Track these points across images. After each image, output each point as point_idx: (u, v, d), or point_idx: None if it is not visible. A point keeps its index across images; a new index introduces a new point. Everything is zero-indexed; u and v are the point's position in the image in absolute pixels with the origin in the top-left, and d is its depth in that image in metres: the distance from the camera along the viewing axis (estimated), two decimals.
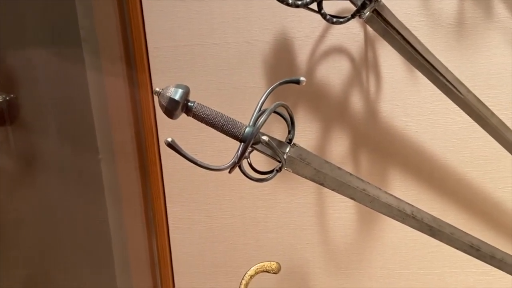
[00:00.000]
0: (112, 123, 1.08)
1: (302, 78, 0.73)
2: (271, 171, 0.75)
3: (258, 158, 0.77)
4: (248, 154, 0.75)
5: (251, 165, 0.76)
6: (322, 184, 0.78)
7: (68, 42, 0.99)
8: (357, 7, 0.79)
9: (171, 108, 0.68)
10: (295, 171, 0.76)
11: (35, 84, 1.02)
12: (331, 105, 1.03)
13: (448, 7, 0.95)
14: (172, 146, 0.65)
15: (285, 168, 0.75)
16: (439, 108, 1.00)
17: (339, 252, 1.12)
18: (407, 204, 0.82)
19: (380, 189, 0.81)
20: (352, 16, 0.80)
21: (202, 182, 1.10)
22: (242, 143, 0.70)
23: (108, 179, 1.08)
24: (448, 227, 0.85)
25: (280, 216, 1.10)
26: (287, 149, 0.75)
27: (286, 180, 1.08)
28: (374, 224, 1.09)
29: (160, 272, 1.17)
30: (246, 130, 0.70)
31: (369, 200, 0.79)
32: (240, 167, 0.73)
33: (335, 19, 0.80)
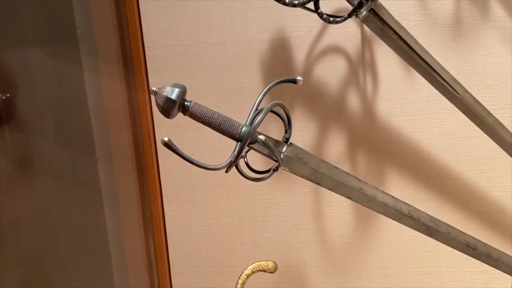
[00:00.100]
0: (109, 123, 1.08)
1: (298, 78, 0.73)
2: (268, 171, 0.75)
3: (255, 158, 0.77)
4: (245, 154, 0.75)
5: (248, 164, 0.76)
6: (319, 183, 0.78)
7: (65, 42, 0.99)
8: (353, 7, 0.79)
9: (167, 108, 0.68)
10: (291, 171, 0.76)
11: (32, 84, 1.02)
12: (328, 104, 1.03)
13: (445, 6, 0.95)
14: (168, 145, 0.65)
15: (281, 168, 0.75)
16: (435, 108, 1.00)
17: (336, 252, 1.12)
18: (404, 203, 0.82)
19: (377, 188, 0.81)
20: (349, 15, 0.80)
21: (199, 182, 1.10)
22: (239, 143, 0.70)
23: (105, 179, 1.08)
24: (445, 226, 0.85)
25: (277, 215, 1.10)
26: (284, 148, 0.75)
27: (283, 180, 1.08)
28: (371, 224, 1.09)
29: (158, 271, 1.17)
30: (243, 129, 0.70)
31: (366, 200, 0.79)
32: (236, 167, 0.73)
33: (331, 19, 0.80)
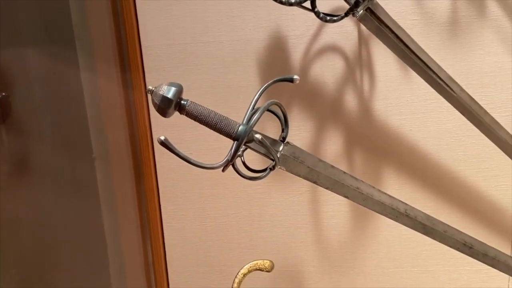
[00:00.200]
0: (105, 122, 1.08)
1: (295, 77, 0.73)
2: (265, 170, 0.75)
3: (252, 157, 0.77)
4: (241, 153, 0.75)
5: (244, 163, 0.76)
6: (315, 182, 0.78)
7: (62, 40, 0.99)
8: (350, 5, 0.79)
9: (164, 106, 0.67)
10: (288, 170, 0.76)
11: (28, 83, 1.02)
12: (325, 103, 1.03)
13: (442, 5, 0.95)
14: (165, 144, 0.65)
15: (278, 167, 0.75)
16: (432, 107, 1.00)
17: (333, 251, 1.12)
18: (401, 202, 0.82)
19: (374, 187, 0.81)
20: (346, 14, 0.80)
21: (196, 181, 1.10)
22: (235, 142, 0.70)
23: (102, 178, 1.07)
24: (441, 225, 0.85)
25: (274, 214, 1.10)
26: (281, 147, 0.75)
27: (280, 179, 1.08)
28: (368, 223, 1.09)
29: (155, 271, 1.17)
30: (240, 128, 0.70)
31: (362, 198, 0.79)
32: (233, 166, 0.72)
33: (328, 17, 0.80)
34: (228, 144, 0.71)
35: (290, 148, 0.76)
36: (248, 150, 0.75)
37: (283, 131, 0.76)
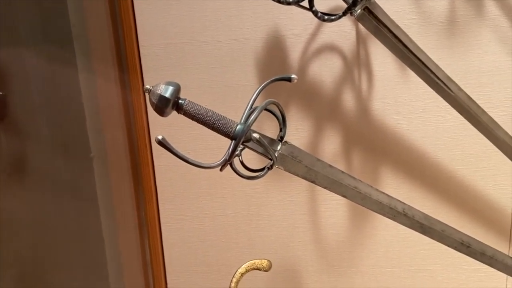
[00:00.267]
0: (103, 121, 1.08)
1: (293, 76, 0.73)
2: (263, 169, 0.75)
3: (250, 156, 0.77)
4: (239, 152, 0.75)
5: (242, 163, 0.76)
6: (313, 181, 0.78)
7: (59, 40, 0.99)
8: (348, 5, 0.79)
9: (161, 106, 0.67)
10: (286, 169, 0.76)
11: (26, 82, 1.01)
12: (323, 103, 1.03)
13: (440, 5, 0.95)
14: (162, 143, 0.64)
15: (276, 166, 0.75)
16: (430, 106, 1.00)
17: (331, 250, 1.12)
18: (399, 201, 0.82)
19: (372, 186, 0.81)
20: (344, 13, 0.79)
21: (194, 181, 1.10)
22: (233, 141, 0.70)
23: (100, 178, 1.07)
24: (439, 224, 0.85)
25: (273, 214, 1.10)
26: (279, 146, 0.75)
27: (278, 178, 1.08)
28: (366, 222, 1.09)
29: (153, 271, 1.17)
30: (237, 127, 0.70)
31: (360, 198, 0.80)
32: (231, 165, 0.72)
33: (326, 17, 0.80)
34: (226, 143, 0.71)
35: (288, 148, 0.76)
36: (246, 149, 0.75)
37: (281, 130, 0.76)
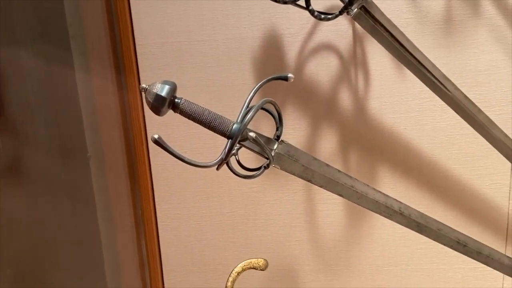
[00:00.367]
0: (100, 120, 1.08)
1: (290, 75, 0.73)
2: (259, 168, 0.75)
3: (247, 156, 0.76)
4: (236, 151, 0.75)
5: (239, 162, 0.76)
6: (310, 180, 0.78)
7: (56, 40, 0.99)
8: (344, 4, 0.79)
9: (157, 105, 0.67)
10: (283, 168, 0.76)
11: (22, 82, 1.01)
12: (320, 102, 1.03)
13: (436, 4, 0.95)
14: (158, 142, 0.64)
15: (273, 165, 0.75)
16: (427, 105, 1.00)
17: (328, 249, 1.12)
18: (395, 200, 0.82)
19: (368, 185, 0.81)
20: (340, 12, 0.80)
21: (191, 180, 1.10)
22: (230, 140, 0.70)
23: (97, 177, 1.07)
24: (435, 223, 0.85)
25: (269, 213, 1.10)
26: (275, 145, 0.75)
27: (275, 178, 1.08)
28: (363, 221, 1.09)
29: (150, 270, 1.17)
30: (234, 126, 0.69)
31: (357, 197, 0.80)
32: (227, 164, 0.72)
33: (323, 16, 0.80)
34: (223, 142, 0.70)
35: (284, 147, 0.76)
36: (243, 148, 0.74)
37: (277, 129, 0.76)
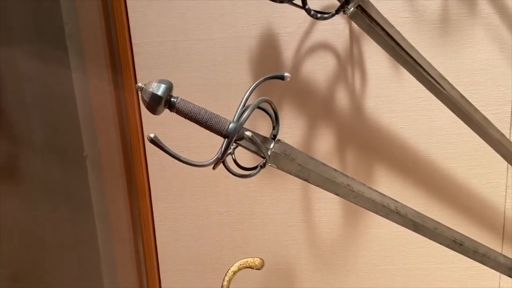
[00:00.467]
0: (97, 120, 1.07)
1: (286, 74, 0.73)
2: (256, 167, 0.75)
3: (243, 155, 0.76)
4: (232, 150, 0.75)
5: (235, 161, 0.75)
6: (306, 180, 0.78)
7: (53, 39, 0.98)
8: (341, 3, 0.79)
9: (153, 104, 0.67)
10: (279, 167, 0.76)
11: (18, 81, 1.01)
12: (316, 101, 1.03)
13: (433, 3, 0.96)
14: (154, 142, 0.64)
15: (269, 164, 0.75)
16: (423, 104, 1.01)
17: (325, 248, 1.12)
18: (391, 199, 0.82)
19: (364, 184, 0.81)
20: (336, 11, 0.80)
21: (187, 179, 1.10)
22: (226, 139, 0.70)
23: (93, 176, 1.07)
24: (432, 222, 0.85)
25: (266, 212, 1.10)
26: (271, 145, 0.75)
27: (272, 177, 1.08)
28: (359, 220, 1.09)
29: (146, 270, 1.16)
30: (230, 125, 0.69)
31: (353, 196, 0.80)
32: (224, 163, 0.72)
33: (319, 15, 0.80)
34: (219, 142, 0.70)
35: (281, 146, 0.76)
36: (239, 147, 0.74)
37: (274, 128, 0.76)
